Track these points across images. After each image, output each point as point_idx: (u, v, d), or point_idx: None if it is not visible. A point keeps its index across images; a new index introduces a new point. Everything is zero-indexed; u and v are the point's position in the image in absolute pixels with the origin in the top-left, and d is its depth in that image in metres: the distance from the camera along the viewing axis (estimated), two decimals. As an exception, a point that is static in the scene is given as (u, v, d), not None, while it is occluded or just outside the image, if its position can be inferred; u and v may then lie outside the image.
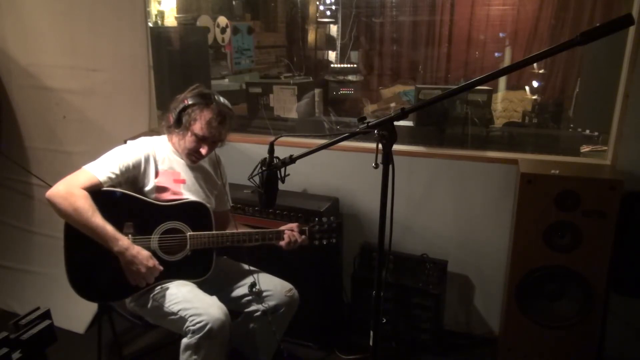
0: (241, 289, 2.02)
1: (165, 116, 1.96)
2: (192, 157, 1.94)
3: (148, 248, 1.81)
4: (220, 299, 1.88)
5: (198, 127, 1.85)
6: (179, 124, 1.87)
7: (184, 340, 1.75)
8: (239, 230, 1.97)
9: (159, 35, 3.29)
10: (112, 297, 1.92)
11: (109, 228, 1.71)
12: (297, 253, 2.18)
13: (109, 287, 1.84)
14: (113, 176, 1.78)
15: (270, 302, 1.98)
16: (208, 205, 1.95)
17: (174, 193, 1.90)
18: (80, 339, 2.62)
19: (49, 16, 2.70)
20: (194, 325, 1.72)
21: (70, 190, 1.71)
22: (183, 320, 1.75)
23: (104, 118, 2.74)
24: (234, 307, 1.99)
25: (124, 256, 1.73)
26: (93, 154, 1.88)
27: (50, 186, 1.76)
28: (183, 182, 1.94)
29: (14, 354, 1.30)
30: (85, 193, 1.72)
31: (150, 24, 3.16)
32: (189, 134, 1.87)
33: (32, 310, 1.42)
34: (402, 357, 2.50)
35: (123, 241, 1.73)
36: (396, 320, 2.49)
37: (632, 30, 2.05)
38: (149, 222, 1.83)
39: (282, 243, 1.97)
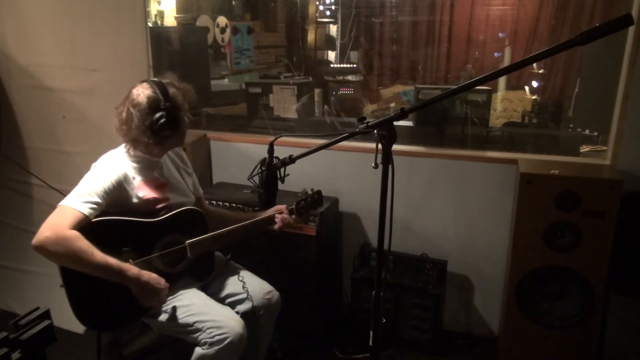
0: (226, 289, 1.98)
1: (134, 133, 1.76)
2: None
3: (151, 267, 1.76)
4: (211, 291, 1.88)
5: (185, 112, 1.81)
6: (173, 123, 1.76)
7: (199, 351, 1.72)
8: (234, 226, 1.92)
9: (158, 35, 3.29)
10: (126, 322, 1.87)
11: (112, 262, 1.63)
12: (297, 253, 2.18)
13: (121, 314, 1.80)
14: (96, 206, 1.67)
15: (247, 305, 1.93)
16: (198, 208, 1.90)
17: (163, 200, 1.84)
18: (80, 339, 2.61)
19: (49, 16, 2.70)
20: (212, 337, 1.70)
21: (60, 233, 1.58)
22: (199, 331, 1.73)
23: (104, 118, 2.73)
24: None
25: (137, 284, 1.67)
26: (93, 154, 1.87)
27: (50, 187, 1.73)
28: (165, 185, 1.88)
29: (13, 354, 1.29)
30: (77, 233, 1.60)
31: (150, 24, 3.16)
32: (183, 119, 1.80)
33: (31, 310, 1.42)
34: (402, 357, 2.50)
35: (131, 270, 1.66)
36: (396, 320, 2.49)
37: (631, 30, 2.05)
38: (145, 241, 1.77)
39: (276, 227, 1.95)
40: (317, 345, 2.55)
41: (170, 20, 4.15)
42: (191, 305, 1.79)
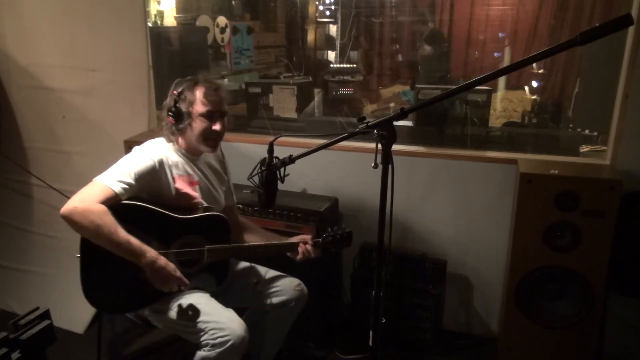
0: (247, 287, 2.01)
1: (163, 124, 1.90)
2: (210, 141, 1.87)
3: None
4: (227, 297, 1.88)
5: (200, 105, 1.81)
6: (181, 117, 1.82)
7: (200, 353, 1.73)
8: (255, 243, 1.96)
9: (158, 35, 3.29)
10: (132, 307, 1.89)
11: (134, 241, 1.64)
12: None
13: (128, 298, 1.81)
14: (128, 187, 1.70)
15: (281, 298, 1.99)
16: (226, 217, 1.91)
17: (192, 197, 1.87)
18: (80, 339, 2.62)
19: (49, 16, 2.70)
20: (214, 339, 1.70)
21: (88, 206, 1.62)
22: (201, 332, 1.73)
23: (103, 118, 2.74)
24: (240, 304, 2.00)
25: (153, 267, 1.66)
26: (93, 154, 1.88)
27: (50, 187, 1.73)
28: (197, 183, 1.92)
29: (13, 354, 1.30)
30: (105, 208, 1.63)
31: (149, 24, 3.16)
32: (195, 118, 1.82)
33: (31, 310, 1.42)
34: (402, 357, 2.50)
35: (150, 252, 1.66)
36: (396, 320, 2.49)
37: (631, 30, 2.05)
38: (166, 235, 1.79)
39: (298, 258, 1.96)
40: (317, 345, 2.56)
41: (170, 20, 4.15)
42: (195, 304, 1.80)
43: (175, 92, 1.84)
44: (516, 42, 5.07)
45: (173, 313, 1.80)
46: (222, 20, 4.39)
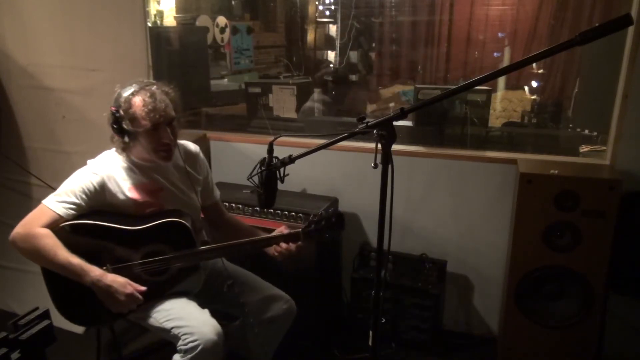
0: (224, 290, 1.92)
1: (111, 136, 1.78)
2: (162, 153, 1.75)
3: (131, 274, 1.72)
4: (219, 302, 1.86)
5: (141, 121, 1.67)
6: (125, 134, 1.71)
7: (176, 357, 1.71)
8: (225, 243, 1.85)
9: (158, 35, 3.29)
10: (106, 320, 1.86)
11: (75, 261, 1.61)
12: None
13: (100, 312, 1.75)
14: (74, 206, 1.68)
15: (268, 314, 1.92)
16: (185, 221, 1.77)
17: (153, 204, 1.80)
18: (80, 339, 2.61)
19: (49, 16, 2.70)
20: (185, 344, 1.66)
21: (30, 231, 1.64)
22: (176, 337, 1.70)
23: (103, 118, 2.71)
24: (223, 308, 1.96)
25: (98, 287, 1.63)
26: (92, 154, 1.87)
27: (50, 187, 1.73)
28: (159, 190, 1.83)
29: (12, 354, 1.30)
30: (47, 231, 1.63)
31: (149, 24, 3.16)
32: (140, 134, 1.70)
33: (31, 311, 1.43)
34: (402, 357, 2.50)
35: (94, 272, 1.63)
36: (395, 320, 2.49)
37: (631, 30, 2.05)
38: (127, 249, 1.74)
39: (277, 256, 1.85)
40: (316, 345, 2.55)
41: (169, 20, 4.16)
42: (171, 309, 1.77)
43: (113, 108, 1.72)
44: (516, 42, 5.07)
45: (152, 319, 1.77)
46: (221, 20, 4.39)
